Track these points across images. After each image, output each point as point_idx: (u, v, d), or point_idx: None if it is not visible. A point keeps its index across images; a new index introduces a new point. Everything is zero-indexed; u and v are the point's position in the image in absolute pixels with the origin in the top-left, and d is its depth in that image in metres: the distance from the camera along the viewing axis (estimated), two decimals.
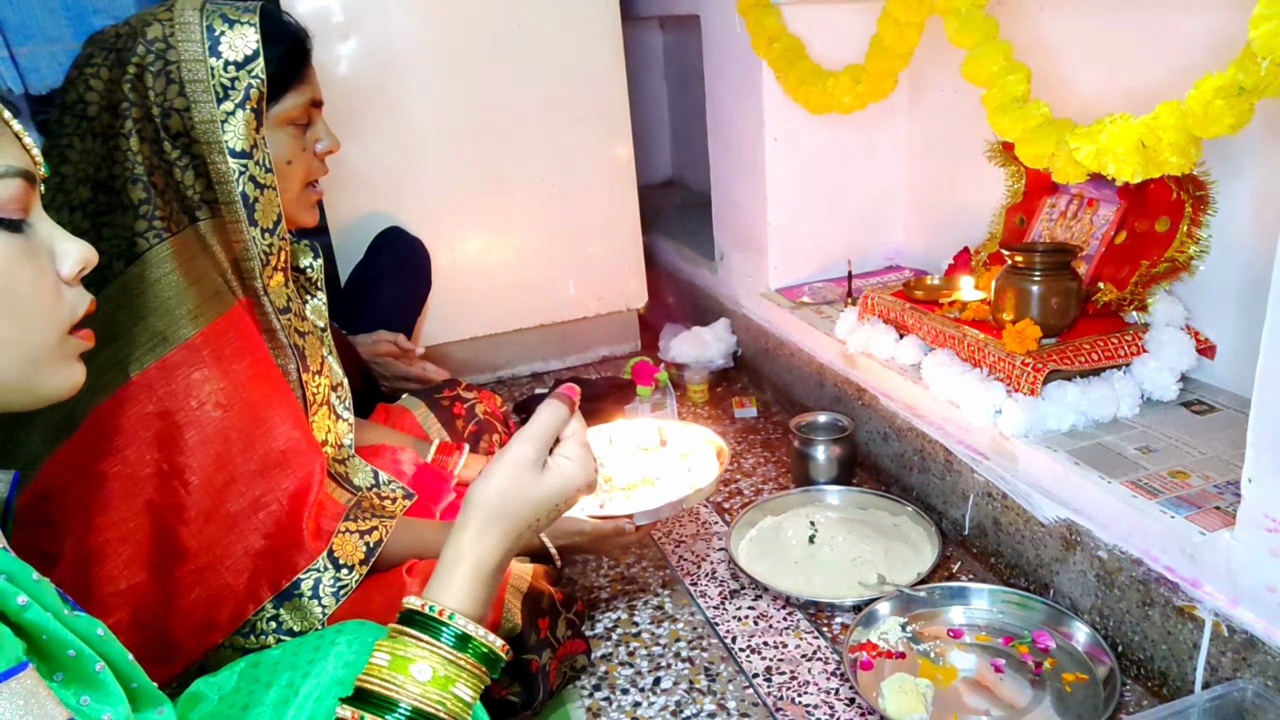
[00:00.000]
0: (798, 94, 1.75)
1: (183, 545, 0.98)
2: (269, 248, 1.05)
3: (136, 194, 0.98)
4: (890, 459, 1.61)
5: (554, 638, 1.15)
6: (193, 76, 0.98)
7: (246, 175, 1.01)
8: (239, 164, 1.00)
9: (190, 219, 1.02)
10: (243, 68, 0.99)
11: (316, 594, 1.05)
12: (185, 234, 1.01)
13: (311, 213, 1.20)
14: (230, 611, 1.01)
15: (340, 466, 1.21)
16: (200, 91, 0.98)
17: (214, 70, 0.98)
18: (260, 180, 1.02)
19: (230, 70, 0.99)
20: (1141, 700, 1.12)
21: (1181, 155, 1.07)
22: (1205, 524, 1.04)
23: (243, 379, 1.02)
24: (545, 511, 0.83)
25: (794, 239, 1.99)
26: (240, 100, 0.99)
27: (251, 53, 0.99)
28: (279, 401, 1.06)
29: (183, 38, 0.98)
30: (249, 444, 1.02)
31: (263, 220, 1.04)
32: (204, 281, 1.01)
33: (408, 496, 1.26)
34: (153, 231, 0.98)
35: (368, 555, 1.10)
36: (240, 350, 1.02)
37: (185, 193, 1.01)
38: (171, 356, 0.97)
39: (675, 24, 2.95)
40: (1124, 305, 1.38)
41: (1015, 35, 1.34)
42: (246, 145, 1.00)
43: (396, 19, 1.94)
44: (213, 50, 0.98)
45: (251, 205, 1.02)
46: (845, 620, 1.31)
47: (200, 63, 0.98)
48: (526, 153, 2.11)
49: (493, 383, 2.28)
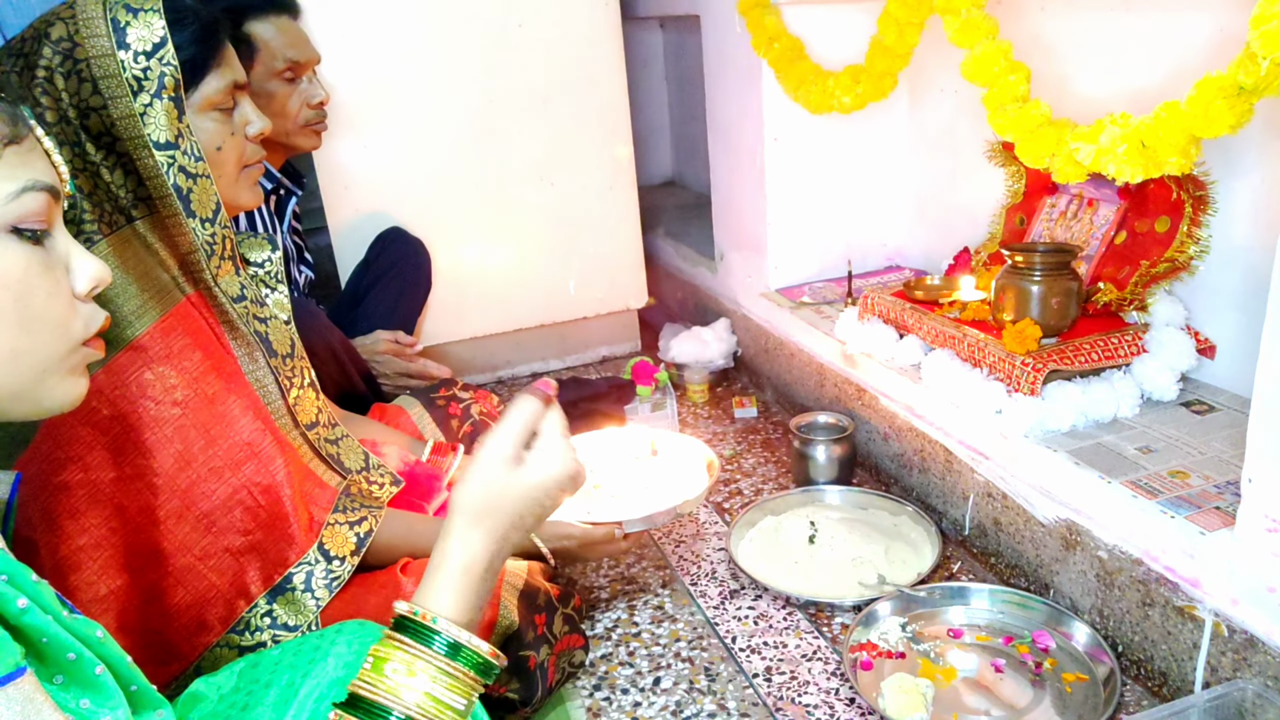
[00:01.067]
0: (798, 94, 1.75)
1: (157, 547, 0.97)
2: (212, 237, 1.03)
3: None
4: (890, 459, 1.61)
5: (551, 633, 1.15)
6: (104, 72, 0.95)
7: (175, 166, 0.98)
8: (166, 156, 0.97)
9: (127, 219, 0.99)
10: (152, 56, 0.96)
11: (309, 587, 1.05)
12: (123, 233, 0.99)
13: (254, 193, 1.16)
14: (220, 611, 1.01)
15: (332, 447, 1.20)
16: (114, 86, 0.95)
17: (124, 63, 0.95)
18: (191, 170, 1.00)
19: (141, 61, 0.95)
20: (1141, 700, 1.12)
21: (1181, 155, 1.07)
22: (1205, 524, 1.04)
23: (196, 374, 1.00)
24: (529, 508, 0.81)
25: (794, 239, 1.99)
26: (155, 90, 0.96)
27: (159, 40, 0.96)
28: (236, 394, 1.04)
29: (88, 33, 0.95)
30: (210, 439, 1.00)
31: (200, 210, 1.01)
32: (147, 279, 0.99)
33: (395, 483, 1.26)
34: (82, 236, 0.96)
35: (358, 546, 1.10)
36: (190, 345, 1.00)
37: (116, 193, 0.98)
38: (118, 359, 0.95)
39: (675, 24, 2.95)
40: (1124, 305, 1.38)
41: (1015, 35, 1.34)
42: (171, 136, 0.97)
43: (397, 19, 1.94)
44: (120, 43, 0.95)
45: (186, 196, 0.99)
46: (845, 620, 1.31)
47: (109, 57, 0.94)
48: (527, 153, 2.12)
49: (493, 383, 2.28)
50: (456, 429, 1.67)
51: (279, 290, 1.20)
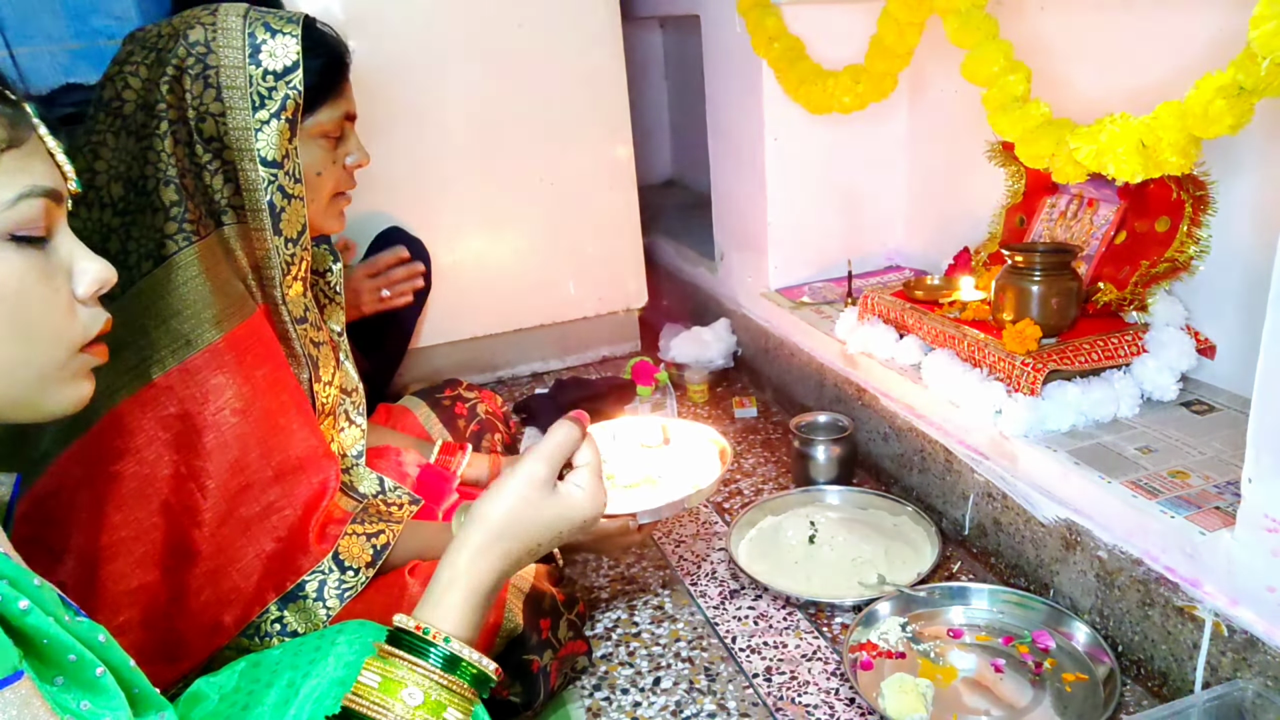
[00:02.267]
0: (798, 94, 1.75)
1: (195, 547, 0.98)
2: (291, 257, 1.05)
3: (169, 195, 0.98)
4: (890, 459, 1.61)
5: (555, 639, 1.15)
6: (231, 83, 0.97)
7: (275, 185, 1.01)
8: (269, 173, 1.00)
9: (216, 223, 1.02)
10: (281, 78, 0.99)
11: (321, 596, 1.05)
12: (211, 239, 1.01)
13: (338, 221, 1.20)
14: (237, 614, 1.01)
15: (345, 476, 1.22)
16: (237, 98, 0.98)
17: (252, 78, 0.98)
18: (289, 190, 1.02)
19: (269, 79, 0.99)
20: (1141, 700, 1.12)
21: (1181, 155, 1.07)
22: (1205, 524, 1.04)
23: (262, 386, 1.02)
24: (548, 537, 0.80)
25: (794, 239, 1.99)
26: (276, 110, 0.99)
27: (291, 63, 0.99)
28: (297, 409, 1.06)
29: (224, 43, 0.98)
30: (267, 450, 1.02)
31: (287, 230, 1.04)
32: (228, 287, 1.01)
33: (414, 502, 1.27)
34: (182, 234, 0.98)
35: (374, 558, 1.10)
36: (261, 357, 1.02)
37: (213, 196, 1.01)
38: (194, 360, 0.96)
39: (675, 24, 2.95)
40: (1124, 305, 1.38)
41: (1015, 35, 1.34)
42: (278, 155, 1.00)
43: (396, 20, 1.94)
44: (253, 58, 0.98)
45: (278, 214, 1.02)
46: (845, 620, 1.31)
47: (239, 69, 0.98)
48: (526, 153, 2.11)
49: (493, 383, 2.28)
50: (464, 428, 1.68)
51: (336, 300, 1.24)
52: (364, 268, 1.78)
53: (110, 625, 0.94)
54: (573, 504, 0.81)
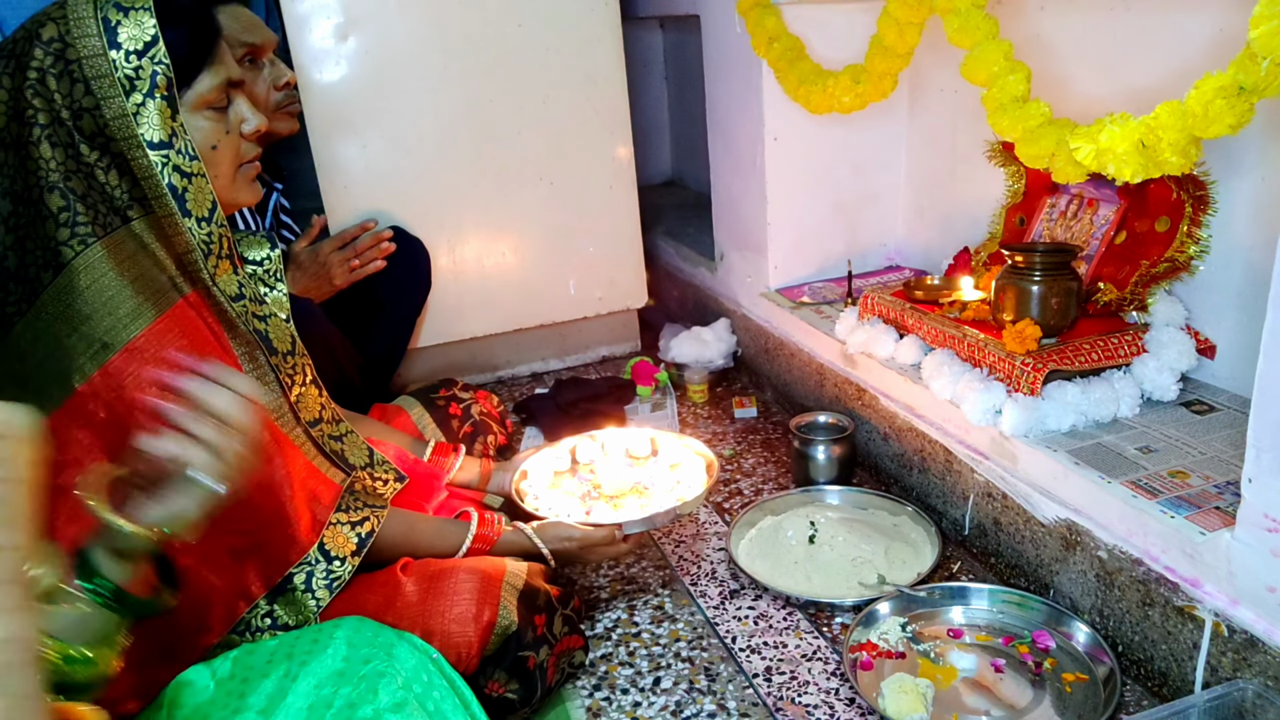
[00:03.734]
0: (798, 94, 1.75)
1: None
2: (209, 236, 1.02)
3: (54, 202, 0.95)
4: (890, 459, 1.61)
5: (551, 634, 1.15)
6: (95, 72, 0.94)
7: (170, 166, 0.97)
8: (160, 155, 0.97)
9: (122, 219, 0.99)
10: (144, 55, 0.95)
11: (310, 587, 1.05)
12: (119, 234, 0.98)
13: (252, 190, 1.14)
14: (221, 612, 1.01)
15: (336, 444, 1.20)
16: (106, 86, 0.94)
17: (116, 62, 0.94)
18: (185, 169, 0.99)
19: (132, 60, 0.95)
20: (1141, 700, 1.12)
21: (1181, 155, 1.07)
22: (1205, 524, 1.04)
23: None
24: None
25: (794, 239, 1.99)
26: (148, 90, 0.95)
27: (150, 38, 0.95)
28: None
29: (79, 33, 0.94)
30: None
31: (196, 209, 1.00)
32: (143, 280, 0.99)
33: (399, 479, 1.26)
34: (76, 239, 0.95)
35: (359, 546, 1.10)
36: (187, 347, 1.00)
37: (112, 193, 0.98)
38: (114, 361, 0.94)
39: (675, 24, 2.95)
40: (1124, 305, 1.38)
41: (1015, 35, 1.34)
42: (165, 135, 0.97)
43: (396, 19, 1.94)
44: (111, 42, 0.94)
45: (181, 196, 0.99)
46: (845, 620, 1.31)
47: (101, 57, 0.94)
48: (526, 153, 2.12)
49: (492, 383, 2.28)
50: (457, 429, 1.68)
51: (278, 288, 1.19)
52: (330, 242, 1.79)
53: None
54: None
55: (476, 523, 1.26)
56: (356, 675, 0.83)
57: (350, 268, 1.80)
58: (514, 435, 1.93)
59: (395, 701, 0.82)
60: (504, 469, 1.54)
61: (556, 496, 1.39)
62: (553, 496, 1.39)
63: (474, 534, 1.25)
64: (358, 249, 1.82)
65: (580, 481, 1.44)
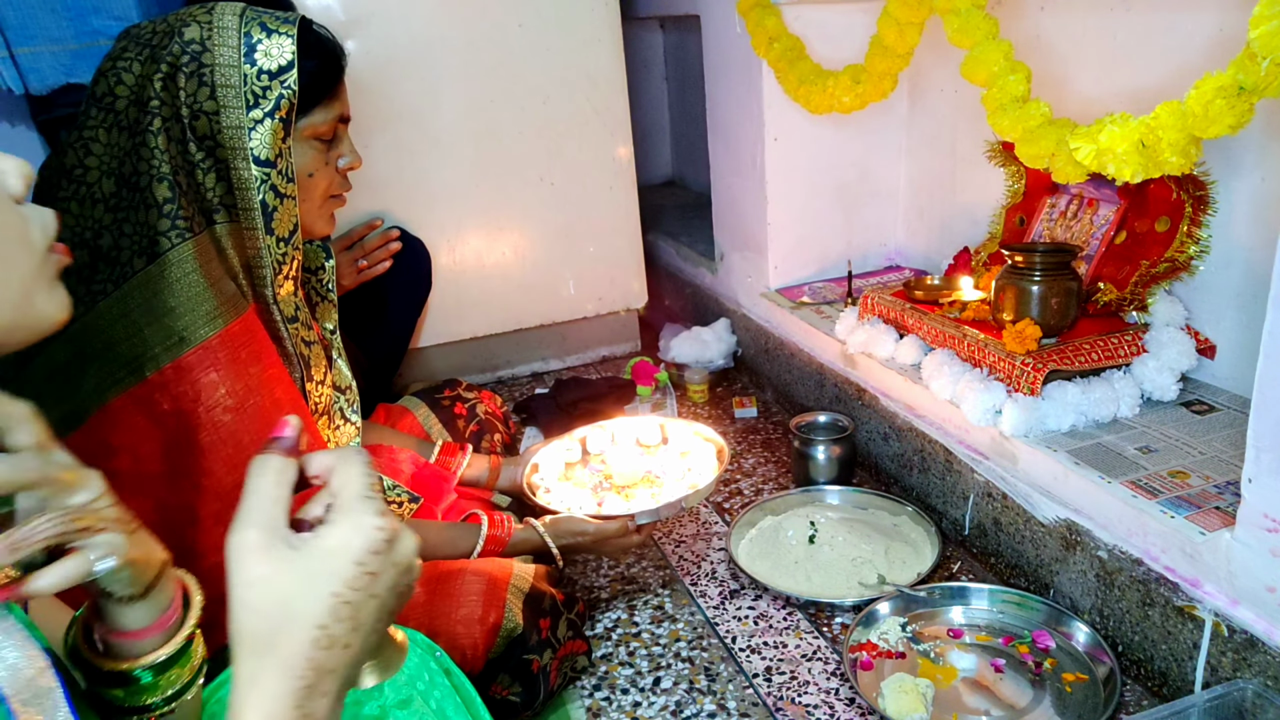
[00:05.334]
0: (798, 94, 1.75)
1: (193, 546, 0.97)
2: (282, 256, 1.05)
3: (161, 192, 0.97)
4: (890, 459, 1.61)
5: (555, 638, 1.15)
6: (225, 81, 0.98)
7: (268, 184, 1.01)
8: (262, 172, 1.00)
9: (208, 221, 1.02)
10: (276, 77, 0.99)
11: None
12: (204, 236, 1.01)
13: (329, 223, 1.20)
14: None
15: None
16: (231, 96, 0.98)
17: (247, 77, 0.98)
18: (281, 190, 1.02)
19: (263, 79, 0.99)
20: (1141, 700, 1.12)
21: (1181, 155, 1.07)
22: (1205, 524, 1.04)
23: (256, 383, 1.01)
24: (336, 614, 0.53)
25: (794, 239, 1.99)
26: (270, 109, 0.99)
27: (286, 63, 0.99)
28: (290, 407, 1.06)
29: (219, 41, 0.98)
30: (261, 449, 1.01)
31: (279, 229, 1.04)
32: (221, 284, 1.01)
33: (413, 500, 1.27)
34: (175, 231, 0.98)
35: None
36: (254, 354, 1.02)
37: (205, 195, 1.01)
38: (188, 357, 0.96)
39: (675, 24, 2.95)
40: (1124, 305, 1.38)
41: (1015, 35, 1.34)
42: (271, 154, 1.00)
43: (397, 19, 1.94)
44: (248, 57, 0.98)
45: (270, 214, 1.02)
46: (845, 620, 1.31)
47: (234, 68, 0.98)
48: (526, 153, 2.11)
49: (493, 383, 2.28)
50: (463, 429, 1.68)
51: (330, 297, 1.24)
52: (337, 242, 1.79)
53: None
54: (328, 551, 0.54)
55: (487, 525, 1.26)
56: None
57: (359, 269, 1.79)
58: (516, 435, 1.93)
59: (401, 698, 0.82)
60: (513, 463, 1.54)
61: (567, 488, 1.39)
62: (564, 488, 1.39)
63: (485, 537, 1.25)
64: (365, 249, 1.81)
65: (592, 472, 1.44)
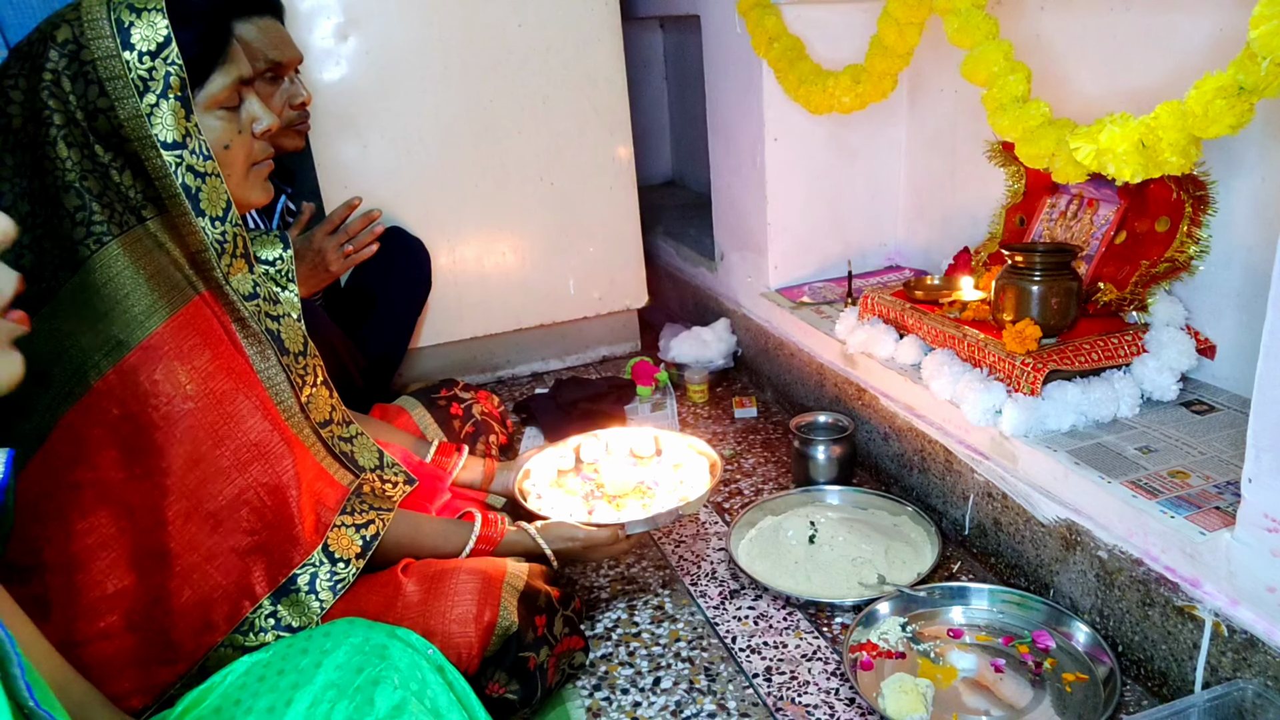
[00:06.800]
0: (798, 94, 1.75)
1: (165, 547, 0.97)
2: (223, 235, 1.03)
3: (70, 201, 0.96)
4: (890, 459, 1.61)
5: (551, 635, 1.15)
6: (109, 73, 0.95)
7: (184, 166, 0.98)
8: (173, 155, 0.97)
9: (137, 218, 1.00)
10: (157, 56, 0.96)
11: (313, 589, 1.05)
12: (134, 233, 0.99)
13: (264, 190, 1.15)
14: (226, 610, 1.01)
15: (346, 445, 1.20)
16: (120, 87, 0.95)
17: (129, 63, 0.95)
18: (199, 169, 1.00)
19: (146, 61, 0.95)
20: (1141, 700, 1.12)
21: (1181, 155, 1.07)
22: (1205, 524, 1.04)
23: (206, 372, 1.00)
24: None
25: (794, 239, 1.99)
26: (161, 90, 0.96)
27: (163, 39, 0.96)
28: (246, 393, 1.04)
29: (92, 35, 0.95)
30: (218, 439, 1.00)
31: (210, 209, 1.01)
32: (159, 278, 0.99)
33: (409, 482, 1.26)
34: (92, 238, 0.96)
35: (364, 549, 1.10)
36: (200, 344, 1.01)
37: (126, 193, 0.99)
38: (128, 359, 0.95)
39: (675, 24, 2.95)
40: (1124, 305, 1.38)
41: (1015, 35, 1.34)
42: (178, 135, 0.97)
43: (396, 19, 1.94)
44: (124, 44, 0.95)
45: (195, 196, 0.99)
46: (845, 620, 1.31)
47: (114, 58, 0.95)
48: (526, 153, 2.12)
49: (493, 383, 2.28)
50: (459, 429, 1.68)
51: (290, 289, 1.20)
52: (322, 227, 1.78)
53: (94, 631, 0.94)
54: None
55: (480, 523, 1.26)
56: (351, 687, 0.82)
57: (345, 253, 1.78)
58: (514, 435, 1.93)
59: (394, 704, 0.82)
60: (507, 468, 1.54)
61: (559, 496, 1.40)
62: (555, 495, 1.40)
63: (477, 535, 1.25)
64: (349, 232, 1.80)
65: (584, 480, 1.44)
